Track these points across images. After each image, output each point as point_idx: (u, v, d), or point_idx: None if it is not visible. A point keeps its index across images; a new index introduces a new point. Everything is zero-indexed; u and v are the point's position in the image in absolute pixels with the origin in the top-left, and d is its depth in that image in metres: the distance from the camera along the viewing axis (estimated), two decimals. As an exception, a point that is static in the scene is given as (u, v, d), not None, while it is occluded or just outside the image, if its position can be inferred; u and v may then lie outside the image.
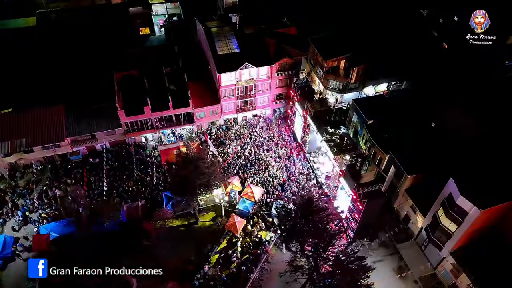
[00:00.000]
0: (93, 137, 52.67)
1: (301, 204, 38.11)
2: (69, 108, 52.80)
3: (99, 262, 42.66)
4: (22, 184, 50.75)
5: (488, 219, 37.31)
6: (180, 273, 43.13)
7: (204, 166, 40.11)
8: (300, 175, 51.60)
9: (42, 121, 50.69)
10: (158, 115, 52.79)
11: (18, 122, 50.47)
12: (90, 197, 47.53)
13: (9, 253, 43.86)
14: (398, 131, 47.37)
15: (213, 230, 46.95)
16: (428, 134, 46.75)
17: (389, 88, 62.17)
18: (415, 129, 47.49)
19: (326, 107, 52.04)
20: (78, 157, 52.40)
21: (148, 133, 54.61)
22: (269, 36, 53.52)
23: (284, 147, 54.96)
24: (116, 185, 50.28)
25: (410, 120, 48.81)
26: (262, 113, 58.85)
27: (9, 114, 52.17)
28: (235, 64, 50.65)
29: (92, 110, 52.78)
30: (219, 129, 57.50)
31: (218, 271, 42.90)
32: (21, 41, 65.80)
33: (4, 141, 48.98)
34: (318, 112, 50.91)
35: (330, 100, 62.49)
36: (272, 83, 54.65)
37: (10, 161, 51.12)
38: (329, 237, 38.00)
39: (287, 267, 37.56)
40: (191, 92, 53.98)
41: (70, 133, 51.10)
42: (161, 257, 44.64)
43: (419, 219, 44.74)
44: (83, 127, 51.80)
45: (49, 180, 51.09)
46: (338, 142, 48.18)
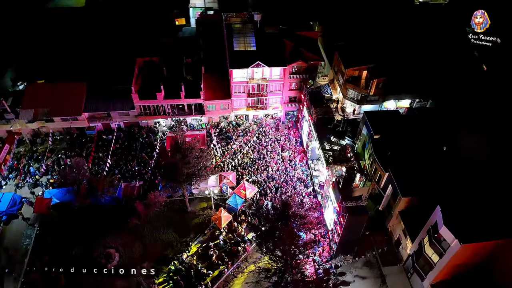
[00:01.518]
0: (109, 115, 55.65)
1: (278, 207, 37.71)
2: (92, 86, 56.12)
3: (88, 232, 45.36)
4: (40, 150, 54.89)
5: (473, 255, 34.66)
6: (160, 256, 44.59)
7: (192, 157, 40.92)
8: (298, 180, 50.90)
9: (65, 94, 54.40)
10: (170, 102, 54.58)
11: (44, 93, 54.57)
12: (92, 171, 50.22)
13: (14, 210, 47.72)
14: (403, 150, 45.26)
15: (201, 220, 47.80)
16: (435, 158, 44.15)
17: (412, 105, 59.44)
18: (422, 151, 45.05)
19: (330, 115, 50.61)
20: (93, 132, 55.64)
21: (160, 118, 56.65)
22: (288, 38, 53.18)
23: (288, 150, 54.47)
24: (121, 163, 52.84)
25: (421, 140, 46.37)
26: (274, 114, 58.67)
27: (38, 84, 56.47)
28: (248, 62, 50.97)
29: (111, 91, 55.71)
30: (229, 124, 58.22)
31: (195, 260, 43.72)
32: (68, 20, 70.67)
33: (29, 109, 53.25)
34: (322, 119, 49.64)
35: (348, 110, 61.02)
36: (285, 84, 54.30)
37: (33, 128, 55.48)
38: (302, 245, 37.37)
39: (255, 268, 37.48)
40: (205, 85, 55.24)
41: (88, 108, 54.41)
42: (146, 238, 46.56)
43: (408, 244, 42.46)
44: (100, 105, 54.93)
45: (64, 150, 54.84)
46: (337, 152, 46.87)
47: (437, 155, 44.64)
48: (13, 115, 51.99)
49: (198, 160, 41.67)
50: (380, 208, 47.36)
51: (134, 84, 53.56)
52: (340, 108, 62.01)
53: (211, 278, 42.19)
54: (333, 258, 43.79)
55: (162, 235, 46.48)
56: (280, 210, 37.66)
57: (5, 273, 42.39)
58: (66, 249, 44.67)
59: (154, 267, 43.15)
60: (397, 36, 59.97)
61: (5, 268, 43.22)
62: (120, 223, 46.90)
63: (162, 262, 44.07)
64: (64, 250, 44.66)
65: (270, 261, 36.73)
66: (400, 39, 59.32)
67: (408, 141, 46.32)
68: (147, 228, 46.97)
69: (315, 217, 41.52)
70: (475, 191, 37.75)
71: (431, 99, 58.70)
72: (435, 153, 45.09)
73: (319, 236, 45.89)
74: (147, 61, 57.85)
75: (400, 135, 47.05)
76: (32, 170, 51.65)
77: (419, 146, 45.77)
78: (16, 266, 43.60)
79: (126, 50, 61.73)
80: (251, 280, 39.40)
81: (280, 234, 36.03)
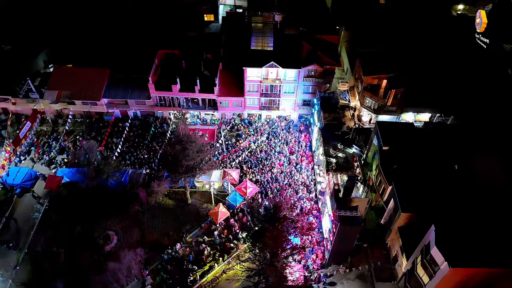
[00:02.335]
0: (126, 103, 57.52)
1: (269, 209, 37.55)
2: (114, 73, 58.18)
3: (92, 212, 47.27)
4: (61, 130, 57.62)
5: (465, 280, 32.89)
6: (155, 243, 45.65)
7: (191, 150, 41.49)
8: (302, 184, 50.37)
9: (87, 79, 56.82)
10: (185, 95, 55.61)
11: (69, 76, 57.26)
12: (103, 155, 52.09)
13: (28, 185, 50.40)
14: (412, 165, 43.68)
15: (200, 213, 48.36)
16: (444, 176, 42.27)
17: (433, 119, 57.17)
18: (432, 168, 43.27)
19: (340, 121, 49.57)
20: (110, 118, 57.72)
21: (175, 110, 57.85)
22: (306, 40, 52.68)
23: (296, 153, 54.00)
24: (132, 150, 54.50)
25: (432, 157, 44.51)
26: (287, 116, 58.33)
27: (65, 67, 59.24)
28: (263, 61, 50.97)
29: (131, 79, 57.53)
30: (241, 121, 58.50)
31: (187, 251, 44.37)
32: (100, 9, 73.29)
33: (54, 90, 56.05)
34: (331, 125, 48.73)
35: (364, 119, 59.64)
36: (299, 87, 53.82)
37: (56, 109, 58.35)
38: (290, 249, 37.03)
39: (240, 267, 37.53)
40: (221, 81, 55.86)
41: (107, 95, 56.50)
42: (145, 224, 47.81)
43: (404, 262, 40.93)
44: (119, 92, 56.89)
45: (82, 132, 57.31)
46: (341, 160, 45.89)
47: (447, 174, 42.68)
48: (37, 94, 54.82)
49: (198, 154, 42.15)
50: (382, 222, 45.97)
51: (152, 75, 55.02)
52: (357, 116, 60.77)
53: (201, 272, 42.65)
54: (325, 267, 42.99)
55: (160, 224, 47.44)
56: (271, 211, 37.44)
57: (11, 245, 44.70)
58: (69, 227, 46.84)
59: (147, 254, 44.41)
60: (425, 46, 57.81)
61: (13, 238, 45.74)
62: (123, 208, 48.61)
63: (156, 249, 45.05)
64: (68, 227, 46.84)
65: (256, 261, 36.61)
66: (428, 50, 57.15)
67: (418, 156, 44.60)
68: (147, 215, 48.17)
69: (307, 222, 40.85)
70: (479, 216, 35.88)
71: (453, 116, 56.16)
72: (445, 171, 43.14)
73: (315, 243, 45.26)
74: (168, 53, 59.24)
75: (411, 149, 45.36)
76: (49, 149, 54.28)
77: (429, 162, 43.98)
78: (22, 237, 45.97)
79: (151, 41, 63.31)
80: (234, 278, 39.47)
81: (266, 235, 35.82)
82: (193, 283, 41.97)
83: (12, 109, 56.63)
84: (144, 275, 42.42)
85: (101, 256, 44.24)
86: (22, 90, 53.22)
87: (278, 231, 36.72)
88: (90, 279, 41.04)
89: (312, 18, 58.12)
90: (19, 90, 53.39)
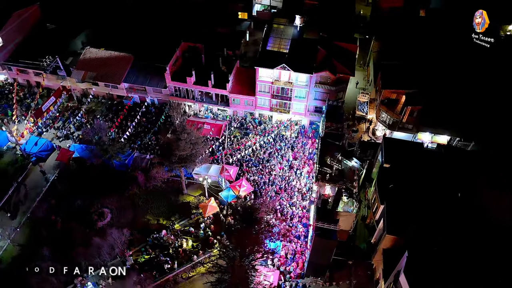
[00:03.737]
0: (145, 90, 59.76)
1: (245, 211, 37.50)
2: (139, 60, 60.59)
3: (93, 188, 49.76)
4: (84, 108, 61.06)
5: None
6: (144, 227, 47.19)
7: (185, 141, 42.29)
8: (298, 191, 49.59)
9: (112, 63, 59.73)
10: (199, 88, 56.72)
11: (96, 58, 60.50)
12: (112, 136, 54.52)
13: (43, 155, 54.03)
14: (410, 186, 41.55)
15: (192, 205, 49.23)
16: (443, 204, 39.75)
17: (452, 142, 53.84)
18: (431, 192, 40.85)
19: (340, 132, 48.05)
20: (127, 102, 60.33)
21: (188, 102, 59.19)
22: (322, 46, 51.64)
23: (299, 159, 53.19)
24: (142, 135, 56.62)
25: (435, 181, 41.97)
26: (298, 121, 57.59)
27: (94, 50, 62.39)
28: (275, 62, 50.70)
29: (153, 67, 59.59)
30: (252, 120, 58.60)
31: (172, 239, 45.41)
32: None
33: (81, 70, 59.53)
34: (333, 135, 47.39)
35: (378, 133, 57.55)
36: (310, 93, 52.92)
37: (83, 88, 61.95)
38: (262, 252, 36.77)
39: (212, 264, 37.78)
40: (235, 78, 56.34)
41: (127, 80, 59.04)
42: (139, 207, 49.53)
43: (382, 285, 39.07)
44: (139, 78, 59.21)
45: (101, 112, 60.42)
46: (336, 171, 44.51)
47: (446, 202, 40.06)
48: (65, 72, 58.52)
49: (191, 146, 42.87)
50: (372, 241, 44.19)
51: (171, 65, 56.70)
52: (372, 129, 58.69)
53: (179, 261, 43.52)
54: (303, 277, 42.12)
55: (153, 209, 48.91)
56: (249, 212, 37.35)
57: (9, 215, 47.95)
58: (71, 199, 49.66)
59: (135, 235, 46.05)
60: (454, 66, 54.37)
61: (18, 202, 49.33)
62: (122, 188, 50.68)
63: (144, 233, 46.52)
64: (69, 199, 49.68)
65: (225, 258, 36.74)
66: (456, 70, 53.70)
67: (420, 179, 42.29)
68: (143, 199, 49.87)
69: (286, 228, 40.15)
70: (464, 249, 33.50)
71: (474, 142, 52.48)
72: (445, 199, 40.51)
73: (299, 252, 44.44)
74: (191, 46, 60.69)
75: (414, 170, 43.11)
76: (67, 125, 57.95)
77: (430, 187, 41.51)
78: (27, 203, 49.42)
79: (180, 32, 64.93)
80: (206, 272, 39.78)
81: (240, 234, 35.83)
82: (170, 271, 42.99)
83: (43, 83, 60.89)
84: (126, 255, 43.98)
85: (93, 231, 46.50)
86: (49, 66, 56.96)
87: (253, 233, 36.62)
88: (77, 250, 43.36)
89: (335, 24, 56.70)
90: (46, 66, 57.24)
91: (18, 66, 61.43)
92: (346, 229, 42.24)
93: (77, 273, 42.11)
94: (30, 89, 63.99)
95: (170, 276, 42.63)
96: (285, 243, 44.11)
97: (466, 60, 54.62)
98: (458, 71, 53.64)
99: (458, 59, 54.83)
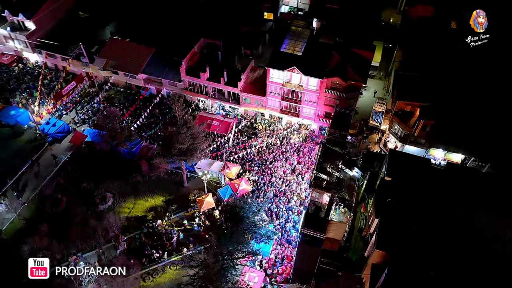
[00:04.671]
0: (161, 82, 61.11)
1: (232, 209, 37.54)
2: (159, 52, 62.02)
3: (100, 172, 51.56)
4: (103, 95, 63.31)
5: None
6: (140, 214, 48.28)
7: (184, 134, 42.82)
8: (297, 196, 49.01)
9: (132, 53, 61.48)
10: (212, 84, 57.29)
11: (119, 48, 62.53)
12: (123, 123, 56.17)
13: (59, 136, 56.56)
14: (410, 203, 40.01)
15: (191, 198, 49.79)
16: (440, 223, 37.99)
17: (466, 162, 51.30)
18: (430, 210, 39.14)
19: (343, 139, 46.87)
20: (143, 92, 62.04)
21: (202, 97, 59.93)
22: (337, 51, 50.67)
23: (302, 163, 52.51)
24: (153, 125, 57.97)
25: (438, 199, 40.14)
26: (308, 125, 56.85)
27: (118, 40, 64.53)
28: (287, 64, 50.31)
29: (170, 61, 60.80)
30: (262, 121, 58.46)
31: (165, 229, 46.22)
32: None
33: (103, 58, 61.76)
34: (336, 142, 46.38)
35: (390, 145, 55.78)
36: (320, 97, 52.07)
37: (104, 75, 64.24)
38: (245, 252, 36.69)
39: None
40: (249, 77, 56.43)
41: (145, 71, 60.60)
42: (139, 195, 50.78)
43: (366, 301, 37.81)
44: (156, 70, 60.60)
45: (119, 100, 62.43)
46: (334, 179, 43.53)
47: (444, 223, 38.21)
48: (88, 59, 60.92)
49: (188, 139, 43.34)
50: (365, 254, 42.90)
51: (187, 60, 57.65)
52: (384, 141, 56.95)
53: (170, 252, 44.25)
54: (288, 282, 41.56)
55: (153, 198, 49.96)
56: (235, 211, 37.36)
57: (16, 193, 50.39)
58: (78, 181, 51.69)
59: (131, 222, 47.26)
60: (477, 82, 51.75)
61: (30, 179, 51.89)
62: (126, 175, 52.19)
63: (140, 220, 47.63)
64: (76, 181, 51.72)
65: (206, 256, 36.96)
66: (475, 87, 51.09)
67: (421, 195, 40.58)
68: (144, 188, 51.06)
69: (271, 231, 39.75)
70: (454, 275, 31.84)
71: (490, 164, 49.69)
72: (444, 219, 38.65)
73: (290, 258, 43.90)
74: (210, 42, 61.45)
75: (415, 187, 41.44)
76: (85, 110, 60.32)
77: (430, 205, 39.74)
78: (37, 180, 51.87)
79: (203, 28, 65.78)
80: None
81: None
82: (159, 259, 43.77)
83: (68, 68, 63.71)
84: (120, 240, 45.18)
85: (93, 214, 48.18)
86: (72, 52, 59.51)
87: (232, 231, 36.59)
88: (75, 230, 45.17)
89: (355, 30, 55.47)
90: (70, 52, 59.83)
91: (47, 51, 64.60)
92: (337, 239, 41.28)
93: (73, 252, 44.03)
94: (57, 73, 67.15)
95: (158, 266, 43.38)
96: (275, 247, 43.77)
97: (490, 78, 51.86)
98: (481, 88, 50.97)
99: (482, 75, 52.13)
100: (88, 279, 41.36)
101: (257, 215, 38.25)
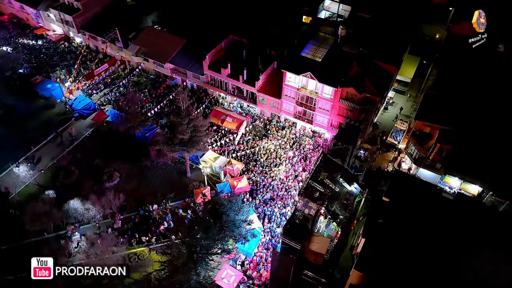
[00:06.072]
0: (185, 73, 62.73)
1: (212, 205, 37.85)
2: (188, 44, 63.70)
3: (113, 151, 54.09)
4: (132, 80, 66.24)
5: None
6: (141, 197, 49.99)
7: (186, 126, 43.69)
8: (293, 203, 48.16)
9: (164, 43, 63.69)
10: (231, 81, 57.83)
11: (153, 36, 65.01)
12: (142, 108, 58.41)
13: (85, 113, 60.08)
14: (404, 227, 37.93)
15: (190, 188, 50.72)
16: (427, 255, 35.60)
17: (484, 196, 47.45)
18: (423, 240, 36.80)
19: (344, 152, 45.14)
20: (167, 80, 64.13)
21: (222, 93, 60.71)
22: (358, 62, 48.97)
23: (307, 171, 51.44)
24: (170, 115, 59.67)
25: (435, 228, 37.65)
26: (322, 133, 55.59)
27: (152, 28, 67.00)
28: (302, 69, 49.50)
29: (198, 54, 62.10)
30: (276, 123, 58.05)
31: (161, 214, 47.57)
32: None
33: (137, 45, 64.60)
34: (339, 154, 44.86)
35: (404, 166, 53.14)
36: (334, 107, 50.65)
37: (136, 61, 67.20)
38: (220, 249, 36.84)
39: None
40: (267, 78, 56.32)
41: (172, 61, 62.52)
42: (144, 179, 52.62)
43: (337, 321, 36.45)
44: (182, 62, 62.31)
45: (146, 86, 65.05)
46: (329, 192, 42.12)
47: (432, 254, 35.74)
48: (122, 44, 64.03)
49: (189, 131, 44.11)
50: (350, 273, 41.26)
51: (211, 55, 58.69)
52: (399, 160, 54.26)
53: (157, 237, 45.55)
54: (265, 287, 41.15)
55: (155, 184, 51.58)
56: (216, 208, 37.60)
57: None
58: (92, 156, 54.64)
59: (129, 203, 49.11)
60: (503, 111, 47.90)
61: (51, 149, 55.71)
62: (136, 159, 54.35)
63: (139, 202, 49.34)
64: (92, 156, 54.70)
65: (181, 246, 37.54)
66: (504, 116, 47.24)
67: (418, 223, 38.23)
68: (151, 173, 52.85)
69: (251, 234, 39.34)
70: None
71: (509, 202, 45.57)
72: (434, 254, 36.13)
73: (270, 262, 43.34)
74: (237, 40, 62.04)
75: (413, 212, 39.14)
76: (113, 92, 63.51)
77: (425, 235, 37.33)
78: (57, 151, 55.52)
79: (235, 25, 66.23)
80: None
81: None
82: (148, 243, 45.18)
83: (104, 51, 67.42)
84: (116, 218, 47.18)
85: (99, 189, 50.66)
86: (108, 36, 62.83)
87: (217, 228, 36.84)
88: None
89: (383, 41, 53.20)
90: (105, 36, 63.22)
91: (89, 32, 68.78)
92: (320, 252, 40.06)
93: (71, 222, 46.70)
94: (96, 54, 71.26)
95: (145, 248, 44.77)
96: (260, 250, 43.43)
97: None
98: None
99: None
100: (78, 249, 43.65)
101: (241, 215, 38.06)
